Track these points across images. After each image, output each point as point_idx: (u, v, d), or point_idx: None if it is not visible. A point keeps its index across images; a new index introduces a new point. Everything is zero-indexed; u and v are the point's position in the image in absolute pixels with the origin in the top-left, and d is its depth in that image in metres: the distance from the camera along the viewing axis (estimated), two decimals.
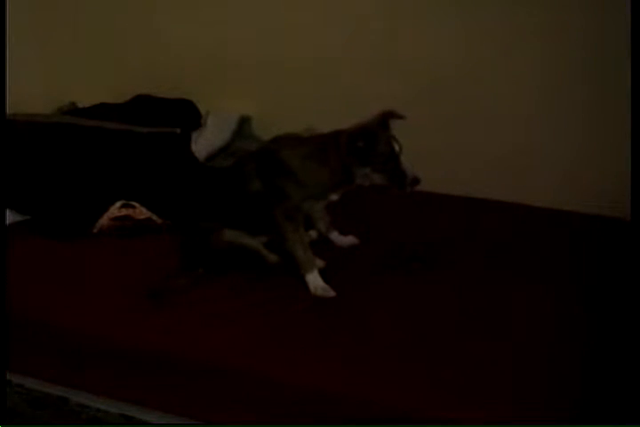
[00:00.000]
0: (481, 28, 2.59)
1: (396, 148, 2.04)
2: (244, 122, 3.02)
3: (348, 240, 2.33)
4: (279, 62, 2.95)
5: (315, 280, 2.08)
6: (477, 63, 2.65)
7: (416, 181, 2.02)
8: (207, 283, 2.09)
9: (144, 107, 3.02)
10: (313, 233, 2.33)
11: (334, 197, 2.18)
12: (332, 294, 2.05)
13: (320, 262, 2.18)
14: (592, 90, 2.51)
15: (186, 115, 3.01)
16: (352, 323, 1.92)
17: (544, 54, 2.56)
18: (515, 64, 2.63)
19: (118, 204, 2.49)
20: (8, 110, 2.68)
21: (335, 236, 2.36)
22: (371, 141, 2.01)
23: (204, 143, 2.87)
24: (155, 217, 2.50)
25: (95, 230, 2.46)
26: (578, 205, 2.57)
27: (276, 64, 2.96)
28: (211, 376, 1.81)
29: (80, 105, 3.17)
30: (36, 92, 3.11)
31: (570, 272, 2.17)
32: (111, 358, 1.90)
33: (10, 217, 2.50)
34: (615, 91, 2.25)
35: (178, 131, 2.83)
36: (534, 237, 2.41)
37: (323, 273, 2.11)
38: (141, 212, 2.48)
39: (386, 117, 2.09)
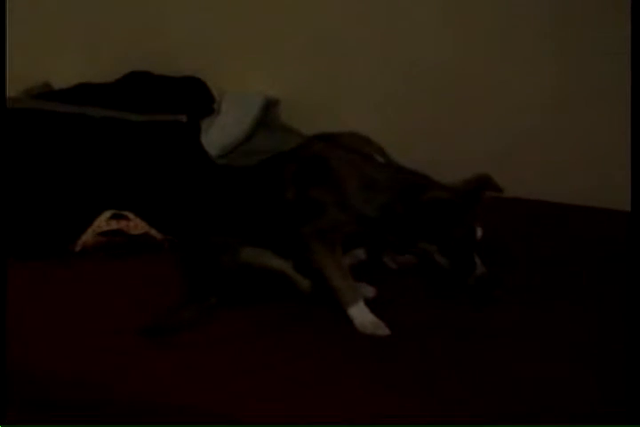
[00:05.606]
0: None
1: (479, 233, 1.98)
2: (269, 107, 2.82)
3: (404, 258, 2.15)
4: (315, 29, 2.77)
5: (361, 314, 1.90)
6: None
7: (483, 278, 1.95)
8: (220, 317, 1.94)
9: (139, 88, 2.87)
10: (360, 252, 2.11)
11: (361, 254, 2.09)
12: (385, 331, 1.87)
13: (369, 291, 2.00)
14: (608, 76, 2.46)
15: (194, 97, 2.85)
16: (413, 372, 1.70)
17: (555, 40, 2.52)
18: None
19: (107, 214, 2.30)
20: None
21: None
22: (451, 217, 1.94)
23: (217, 135, 2.70)
24: (154, 231, 2.31)
25: (77, 249, 2.25)
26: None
27: (311, 30, 2.78)
28: None
29: (56, 86, 2.99)
30: None
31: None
32: (97, 410, 1.70)
33: None
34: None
35: (184, 119, 2.71)
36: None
37: (372, 304, 1.93)
38: (136, 225, 2.30)
39: (481, 188, 2.00)
